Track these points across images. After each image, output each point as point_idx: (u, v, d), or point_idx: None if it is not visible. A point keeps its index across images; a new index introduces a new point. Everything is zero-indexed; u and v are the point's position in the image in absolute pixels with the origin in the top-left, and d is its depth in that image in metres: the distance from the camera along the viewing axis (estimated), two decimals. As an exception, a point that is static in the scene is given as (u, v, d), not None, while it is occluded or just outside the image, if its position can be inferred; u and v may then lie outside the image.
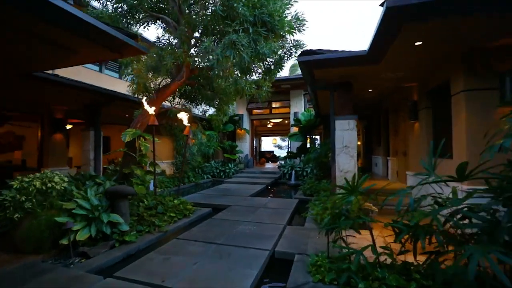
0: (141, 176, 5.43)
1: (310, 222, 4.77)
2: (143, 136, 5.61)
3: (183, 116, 6.19)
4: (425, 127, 5.49)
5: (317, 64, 4.73)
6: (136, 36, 4.12)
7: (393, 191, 2.60)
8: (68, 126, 10.27)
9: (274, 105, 14.03)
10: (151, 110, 5.10)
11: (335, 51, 4.80)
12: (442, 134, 5.09)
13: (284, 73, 13.59)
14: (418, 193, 2.70)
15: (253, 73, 6.34)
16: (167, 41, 6.74)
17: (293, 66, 23.48)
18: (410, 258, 2.56)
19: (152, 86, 6.90)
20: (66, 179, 3.85)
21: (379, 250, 2.59)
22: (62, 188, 3.69)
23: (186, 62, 4.95)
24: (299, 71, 14.76)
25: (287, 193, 8.89)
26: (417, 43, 3.71)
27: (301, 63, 4.83)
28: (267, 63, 6.04)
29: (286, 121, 16.82)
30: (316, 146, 12.47)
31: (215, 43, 4.49)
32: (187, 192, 8.89)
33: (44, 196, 3.65)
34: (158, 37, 7.04)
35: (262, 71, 5.96)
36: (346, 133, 5.29)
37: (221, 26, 4.60)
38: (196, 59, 5.15)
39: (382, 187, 2.92)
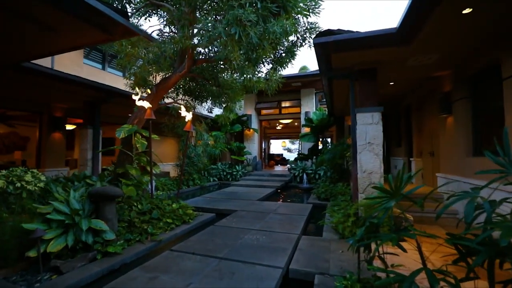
0: (137, 177, 4.87)
1: (329, 232, 4.05)
2: (140, 132, 5.06)
3: (185, 111, 5.61)
4: (463, 120, 4.70)
5: (336, 46, 4.05)
6: (127, 14, 3.57)
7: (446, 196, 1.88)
8: (72, 127, 9.95)
9: (283, 104, 13.34)
10: (140, 99, 4.55)
11: (357, 32, 4.12)
12: (486, 127, 4.31)
13: (293, 73, 12.87)
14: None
15: (262, 64, 5.71)
16: (169, 33, 6.24)
17: (302, 69, 22.92)
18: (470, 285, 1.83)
19: (152, 79, 6.40)
20: (43, 178, 3.30)
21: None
22: (36, 188, 3.13)
23: (187, 46, 4.37)
24: (308, 72, 14.07)
25: (299, 197, 8.14)
26: (465, 11, 2.98)
27: (317, 46, 4.17)
28: (277, 52, 5.41)
29: (296, 123, 16.10)
30: (328, 147, 11.69)
31: (219, 23, 3.89)
32: (191, 195, 8.30)
33: (17, 198, 3.11)
34: (160, 29, 6.55)
35: (272, 59, 5.31)
36: (370, 128, 4.56)
37: (224, 7, 4.02)
38: (197, 42, 4.56)
39: (430, 191, 2.21)
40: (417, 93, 6.99)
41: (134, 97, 4.64)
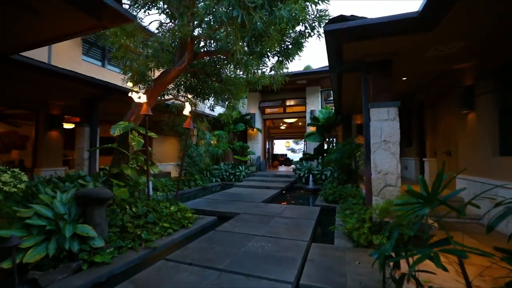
0: (133, 177, 4.54)
1: (341, 238, 3.66)
2: (137, 129, 4.74)
3: (187, 109, 5.27)
4: (488, 116, 4.28)
5: (350, 33, 3.67)
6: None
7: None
8: (71, 126, 9.68)
9: (288, 103, 12.95)
10: (137, 95, 4.23)
11: (371, 19, 3.74)
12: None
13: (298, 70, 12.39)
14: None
15: (267, 58, 5.34)
16: (168, 23, 5.92)
17: (306, 68, 22.52)
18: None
19: (150, 73, 6.08)
20: (24, 178, 2.98)
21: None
22: (15, 190, 2.80)
23: (186, 35, 4.04)
24: (314, 69, 13.67)
25: (306, 199, 7.75)
26: (503, -13, 2.59)
27: (328, 34, 3.80)
28: (283, 43, 5.03)
29: (300, 123, 15.69)
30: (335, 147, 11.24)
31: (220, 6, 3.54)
32: (192, 196, 7.96)
33: (-6, 201, 2.78)
34: (160, 22, 6.23)
35: (278, 51, 4.94)
36: (385, 124, 4.18)
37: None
38: (197, 34, 4.22)
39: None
40: (433, 88, 6.56)
41: (136, 98, 4.34)
